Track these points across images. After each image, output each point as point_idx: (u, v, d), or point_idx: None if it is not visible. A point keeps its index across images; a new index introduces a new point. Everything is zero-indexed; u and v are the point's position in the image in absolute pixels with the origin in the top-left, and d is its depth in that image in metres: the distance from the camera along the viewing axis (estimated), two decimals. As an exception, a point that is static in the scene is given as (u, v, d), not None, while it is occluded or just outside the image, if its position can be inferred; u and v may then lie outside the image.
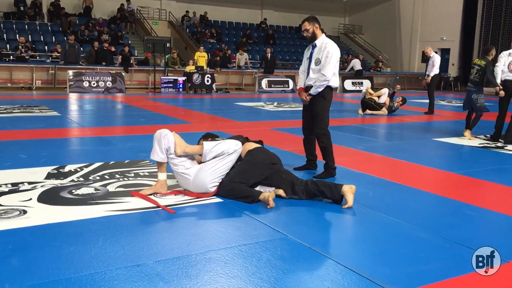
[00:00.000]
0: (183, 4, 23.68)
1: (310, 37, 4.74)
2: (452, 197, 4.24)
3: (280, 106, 12.50)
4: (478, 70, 7.36)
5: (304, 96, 4.81)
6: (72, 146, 6.37)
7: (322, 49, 4.67)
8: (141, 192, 3.88)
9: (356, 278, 2.53)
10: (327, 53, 4.62)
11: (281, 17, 26.65)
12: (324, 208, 3.80)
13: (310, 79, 4.78)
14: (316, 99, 4.76)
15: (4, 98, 12.11)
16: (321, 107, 4.76)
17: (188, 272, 2.53)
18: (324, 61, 4.63)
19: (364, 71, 20.75)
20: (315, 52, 4.75)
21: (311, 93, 4.75)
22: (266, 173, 3.96)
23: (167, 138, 3.83)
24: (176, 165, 3.90)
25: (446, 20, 23.56)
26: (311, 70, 4.76)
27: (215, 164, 3.87)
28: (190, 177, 3.88)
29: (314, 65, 4.72)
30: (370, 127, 9.02)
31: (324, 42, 4.71)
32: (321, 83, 4.67)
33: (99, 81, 14.93)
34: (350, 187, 3.79)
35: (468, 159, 6.31)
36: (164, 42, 16.69)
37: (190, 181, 3.89)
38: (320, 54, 4.67)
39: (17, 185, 4.07)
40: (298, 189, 3.90)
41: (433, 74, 11.34)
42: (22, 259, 2.64)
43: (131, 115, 9.93)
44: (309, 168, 5.05)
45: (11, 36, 17.43)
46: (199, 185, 3.87)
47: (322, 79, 4.65)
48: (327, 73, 4.62)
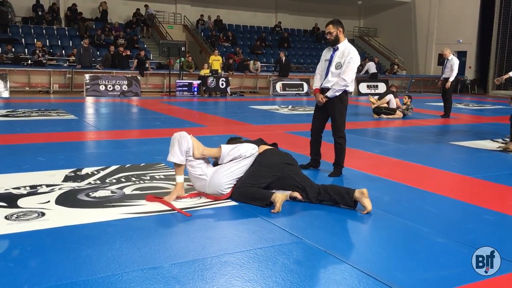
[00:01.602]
0: (198, 8, 23.82)
1: (333, 40, 4.77)
2: (469, 202, 4.19)
3: (294, 109, 12.48)
4: None
5: (320, 97, 4.84)
6: (89, 149, 6.44)
7: (345, 54, 4.72)
8: (164, 198, 3.84)
9: (373, 283, 2.51)
10: (350, 59, 4.68)
11: (296, 20, 26.62)
12: (340, 212, 3.77)
13: (328, 82, 4.81)
14: (333, 102, 4.80)
15: (23, 102, 12.30)
16: (339, 110, 4.81)
17: (203, 275, 2.54)
18: (346, 66, 4.69)
19: (379, 74, 20.62)
20: (337, 55, 4.77)
21: (328, 96, 4.78)
22: (277, 173, 3.93)
23: (186, 140, 3.84)
24: (193, 167, 3.90)
25: (462, 22, 23.29)
26: (330, 73, 4.79)
27: (231, 166, 3.88)
28: (207, 178, 3.88)
29: (335, 69, 4.76)
30: (386, 130, 8.96)
31: (348, 48, 4.76)
32: (340, 87, 4.72)
33: (115, 84, 15.08)
34: (361, 192, 3.73)
35: (486, 163, 6.22)
36: (179, 46, 16.80)
37: (206, 182, 3.89)
38: (343, 59, 4.71)
39: (35, 188, 4.13)
40: (312, 197, 3.89)
41: (453, 78, 11.00)
42: (40, 260, 2.67)
43: (146, 118, 10.00)
44: (313, 166, 5.16)
45: (29, 41, 17.71)
46: (215, 187, 3.88)
47: (342, 84, 4.70)
48: (348, 78, 4.68)
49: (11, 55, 15.99)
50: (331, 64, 4.80)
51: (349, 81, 4.72)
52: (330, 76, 4.79)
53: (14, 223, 3.24)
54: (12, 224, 3.21)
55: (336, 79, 4.74)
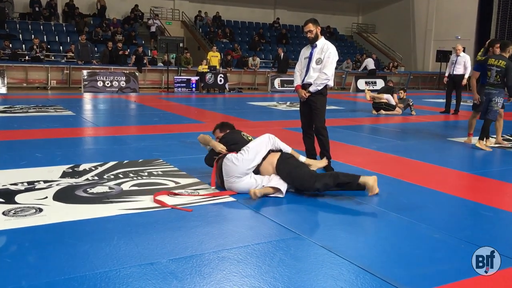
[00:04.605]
0: (196, 4, 23.75)
1: (313, 38, 4.99)
2: (467, 198, 4.20)
3: (293, 105, 12.47)
4: (498, 72, 6.74)
5: (303, 93, 5.03)
6: (86, 145, 6.43)
7: (324, 50, 4.95)
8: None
9: (370, 278, 2.51)
10: (329, 54, 4.92)
11: (294, 16, 26.56)
12: (338, 208, 3.78)
13: (310, 77, 5.00)
14: (315, 97, 4.99)
15: (20, 98, 12.28)
16: (321, 102, 5.03)
17: (201, 271, 2.54)
18: (325, 61, 4.92)
19: (378, 71, 20.61)
20: (316, 52, 4.99)
21: (311, 91, 4.98)
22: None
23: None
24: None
25: (461, 19, 23.29)
26: (311, 68, 4.99)
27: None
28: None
29: (315, 64, 4.97)
30: (384, 127, 8.96)
31: (326, 44, 5.01)
32: (322, 81, 4.93)
33: (113, 81, 15.05)
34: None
35: (484, 159, 6.23)
36: (177, 42, 16.76)
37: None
38: (322, 55, 4.94)
39: (33, 184, 4.12)
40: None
41: (468, 75, 10.76)
42: (38, 256, 2.67)
43: (144, 114, 9.99)
44: None
45: (26, 37, 17.64)
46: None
47: (323, 78, 4.92)
48: (328, 72, 4.91)
49: (9, 51, 15.92)
50: (311, 60, 4.99)
51: (330, 75, 4.93)
52: (311, 72, 4.98)
53: (11, 219, 3.24)
54: (9, 220, 3.21)
55: (317, 74, 4.95)
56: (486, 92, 6.78)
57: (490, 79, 6.76)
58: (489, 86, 6.75)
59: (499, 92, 6.69)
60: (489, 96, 6.72)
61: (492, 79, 6.73)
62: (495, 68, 6.74)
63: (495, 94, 6.67)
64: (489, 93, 6.74)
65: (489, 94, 6.73)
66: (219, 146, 4.18)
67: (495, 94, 6.68)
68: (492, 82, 6.76)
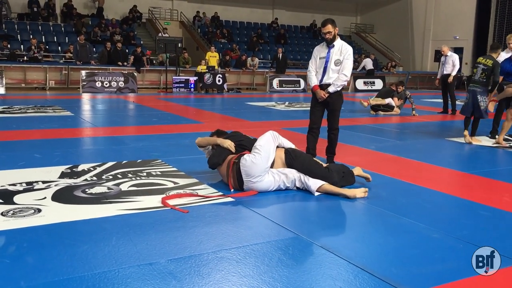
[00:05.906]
0: (194, 4, 23.76)
1: (331, 39, 4.99)
2: (465, 197, 4.21)
3: (291, 105, 12.48)
4: (484, 70, 6.86)
5: (322, 93, 5.03)
6: (85, 146, 6.43)
7: (342, 52, 4.98)
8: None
9: (368, 278, 2.52)
10: (348, 56, 4.98)
11: (293, 16, 26.59)
12: (336, 208, 3.79)
13: (329, 78, 5.03)
14: (334, 97, 5.05)
15: (18, 98, 12.26)
16: (340, 104, 5.13)
17: (200, 271, 2.54)
18: (345, 63, 4.98)
19: (376, 71, 20.62)
20: (334, 53, 5.00)
21: (330, 91, 5.01)
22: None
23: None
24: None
25: (459, 19, 23.32)
26: (330, 70, 5.02)
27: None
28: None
29: (334, 66, 5.00)
30: (383, 126, 8.97)
31: (343, 45, 5.04)
32: (342, 82, 5.01)
33: (111, 81, 15.04)
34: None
35: (482, 159, 6.24)
36: (176, 42, 16.75)
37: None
38: (341, 56, 4.98)
39: (31, 184, 4.12)
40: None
41: (455, 73, 11.09)
42: (37, 257, 2.67)
43: (143, 115, 9.99)
44: None
45: (25, 37, 17.62)
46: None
47: (343, 79, 5.00)
48: (348, 74, 4.99)
49: (7, 52, 15.92)
50: (329, 61, 5.00)
51: (349, 76, 5.04)
52: (330, 73, 5.01)
53: (10, 219, 3.24)
54: (8, 221, 3.21)
55: (336, 75, 4.99)
56: (470, 89, 7.02)
57: (475, 77, 6.97)
58: (474, 84, 6.98)
59: (483, 91, 6.91)
60: (473, 94, 6.92)
61: (477, 77, 6.94)
62: (481, 66, 6.92)
63: (479, 93, 6.90)
64: (473, 90, 6.98)
65: (473, 91, 6.95)
66: (227, 141, 4.18)
67: (479, 92, 6.90)
68: (476, 79, 6.95)
